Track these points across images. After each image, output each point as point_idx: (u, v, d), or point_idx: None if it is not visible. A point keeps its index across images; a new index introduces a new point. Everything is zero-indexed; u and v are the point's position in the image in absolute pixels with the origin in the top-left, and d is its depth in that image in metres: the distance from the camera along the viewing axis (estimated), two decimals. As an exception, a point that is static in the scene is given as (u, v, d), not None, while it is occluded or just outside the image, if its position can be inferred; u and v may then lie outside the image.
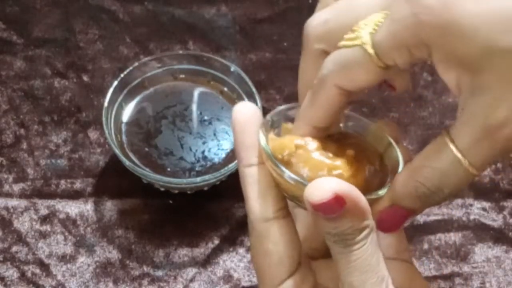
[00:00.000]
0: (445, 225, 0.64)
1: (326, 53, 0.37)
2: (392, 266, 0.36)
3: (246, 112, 0.37)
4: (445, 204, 0.65)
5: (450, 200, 0.65)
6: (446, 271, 0.62)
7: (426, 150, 0.35)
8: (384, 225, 0.37)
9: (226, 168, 0.61)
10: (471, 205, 0.65)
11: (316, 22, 0.38)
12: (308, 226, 0.41)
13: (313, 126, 0.38)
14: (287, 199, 0.38)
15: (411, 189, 0.35)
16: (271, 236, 0.36)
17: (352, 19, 0.36)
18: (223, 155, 0.63)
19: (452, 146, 0.34)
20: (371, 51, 0.35)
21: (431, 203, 0.36)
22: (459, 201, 0.66)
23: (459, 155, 0.34)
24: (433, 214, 0.65)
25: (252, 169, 0.37)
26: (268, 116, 0.39)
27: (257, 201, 0.37)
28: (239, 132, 0.37)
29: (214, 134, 0.64)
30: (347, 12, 0.37)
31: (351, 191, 0.33)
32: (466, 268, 0.62)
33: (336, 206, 0.33)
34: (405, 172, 0.36)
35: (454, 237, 0.64)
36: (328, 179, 0.34)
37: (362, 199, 0.34)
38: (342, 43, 0.36)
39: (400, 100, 0.70)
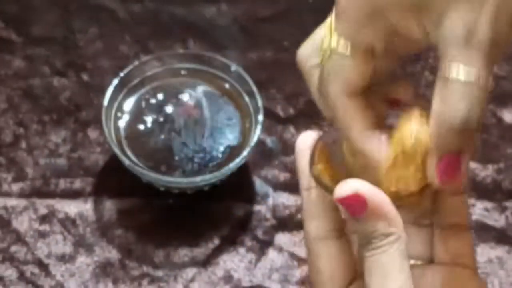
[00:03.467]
0: None
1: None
2: (448, 272, 0.39)
3: (306, 140, 0.41)
4: None
5: None
6: None
7: (437, 92, 0.36)
8: (444, 178, 0.37)
9: (226, 168, 0.61)
10: (473, 205, 0.65)
11: (304, 46, 0.42)
12: None
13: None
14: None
15: (447, 129, 0.36)
16: (323, 255, 0.39)
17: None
18: (223, 155, 0.63)
19: (451, 75, 0.35)
20: (343, 51, 0.37)
21: (470, 132, 0.36)
22: None
23: (461, 77, 0.35)
24: None
25: (308, 193, 0.40)
26: (323, 138, 0.41)
27: (312, 222, 0.40)
28: (298, 159, 0.41)
29: (214, 134, 0.64)
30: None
31: (375, 194, 0.36)
32: None
33: (356, 204, 0.35)
34: (434, 120, 0.36)
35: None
36: (355, 180, 0.36)
37: (386, 205, 0.36)
38: (323, 56, 0.39)
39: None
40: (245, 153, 0.62)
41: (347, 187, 0.36)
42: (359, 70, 0.37)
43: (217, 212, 0.64)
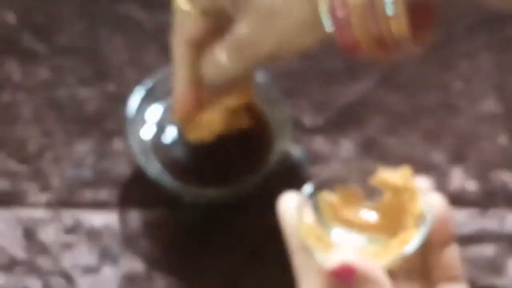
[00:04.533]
0: (479, 237, 0.64)
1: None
2: None
3: (288, 202, 0.45)
4: (479, 216, 0.65)
5: (485, 211, 0.65)
6: (480, 284, 0.62)
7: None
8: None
9: (252, 180, 0.61)
10: (505, 216, 0.65)
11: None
12: None
13: (187, 84, 0.55)
14: None
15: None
16: None
17: None
18: (250, 166, 0.63)
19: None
20: (183, 7, 0.53)
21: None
22: (493, 212, 0.65)
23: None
24: (467, 225, 0.64)
25: (298, 253, 0.44)
26: (303, 196, 0.45)
27: (304, 281, 0.43)
28: (282, 222, 0.45)
29: (240, 144, 0.64)
30: None
31: (363, 262, 0.40)
32: (500, 281, 0.62)
33: (345, 274, 0.39)
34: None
35: (488, 249, 0.63)
36: (342, 252, 0.41)
37: (374, 270, 0.40)
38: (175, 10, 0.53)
39: (431, 108, 0.70)
40: (271, 163, 0.62)
41: (334, 260, 0.40)
42: (195, 25, 0.53)
43: (243, 223, 0.64)
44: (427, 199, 0.44)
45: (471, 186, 0.66)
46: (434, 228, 0.43)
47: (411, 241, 0.42)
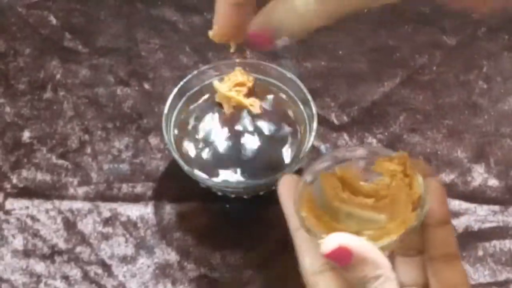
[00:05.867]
0: (500, 232, 0.64)
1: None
2: None
3: (287, 184, 0.45)
4: (500, 212, 0.65)
5: (505, 207, 0.65)
6: (501, 278, 0.62)
7: None
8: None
9: (281, 173, 0.60)
10: None
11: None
12: None
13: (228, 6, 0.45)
14: None
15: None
16: (320, 286, 0.42)
17: None
18: (280, 160, 0.64)
19: None
20: None
21: None
22: None
23: None
24: (488, 221, 0.64)
25: (299, 232, 0.44)
26: (304, 177, 0.45)
27: (306, 258, 0.43)
28: (282, 203, 0.45)
29: (270, 140, 0.64)
30: None
31: (358, 243, 0.39)
32: None
33: (342, 256, 0.39)
34: None
35: (509, 244, 0.63)
36: (338, 234, 0.40)
37: (370, 251, 0.39)
38: None
39: (454, 107, 0.70)
40: (299, 159, 0.62)
41: (331, 243, 0.39)
42: None
43: (272, 216, 0.63)
44: (424, 182, 0.43)
45: (493, 183, 0.66)
46: (431, 209, 0.42)
47: (409, 223, 0.42)
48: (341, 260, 0.39)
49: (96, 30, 0.75)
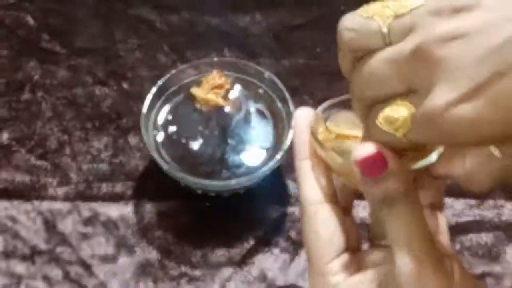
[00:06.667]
0: (477, 226, 0.64)
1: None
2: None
3: (304, 114, 0.42)
4: (476, 205, 0.65)
5: (482, 201, 0.65)
6: (478, 271, 0.62)
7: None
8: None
9: (260, 171, 0.62)
10: (502, 206, 0.65)
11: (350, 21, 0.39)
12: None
13: None
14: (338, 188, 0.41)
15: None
16: (320, 218, 0.40)
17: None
18: (258, 158, 0.64)
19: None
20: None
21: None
22: (491, 202, 0.65)
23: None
24: (465, 215, 0.65)
25: (305, 162, 0.41)
26: (319, 111, 0.42)
27: (308, 188, 0.40)
28: (297, 132, 0.42)
29: (249, 138, 0.65)
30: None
31: (393, 156, 0.36)
32: (497, 268, 0.62)
33: (379, 162, 0.36)
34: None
35: (485, 237, 0.64)
36: (372, 143, 0.36)
37: (401, 165, 0.36)
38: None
39: None
40: (278, 157, 0.62)
41: (368, 147, 0.36)
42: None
43: (252, 214, 0.64)
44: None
45: (470, 177, 0.67)
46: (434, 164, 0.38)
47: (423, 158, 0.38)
48: (374, 170, 0.36)
49: (74, 30, 0.75)
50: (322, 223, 0.40)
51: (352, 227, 0.41)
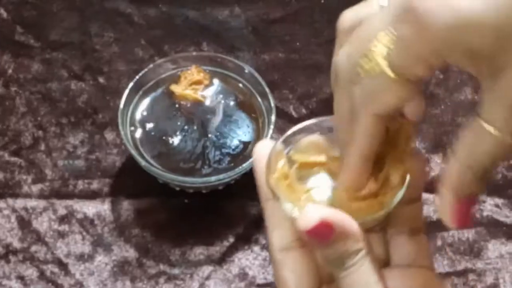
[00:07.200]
0: None
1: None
2: (408, 273, 0.39)
3: (263, 152, 0.40)
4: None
5: None
6: (460, 267, 0.63)
7: (466, 138, 0.36)
8: (460, 221, 0.37)
9: (240, 167, 0.62)
10: (484, 201, 0.66)
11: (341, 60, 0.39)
12: None
13: (364, 161, 0.39)
14: None
15: (469, 176, 0.36)
16: (287, 264, 0.39)
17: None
18: (237, 154, 0.64)
19: (488, 128, 0.34)
20: (391, 74, 0.35)
21: (486, 180, 0.36)
22: None
23: (496, 133, 0.34)
24: None
25: (269, 203, 0.40)
26: (279, 142, 0.41)
27: (274, 232, 0.39)
28: (256, 171, 0.41)
29: (228, 134, 0.65)
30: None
31: (339, 216, 0.36)
32: (479, 264, 0.63)
33: (325, 230, 0.35)
34: (456, 165, 0.36)
35: (467, 233, 0.64)
36: (315, 207, 0.36)
37: (350, 223, 0.36)
38: (363, 73, 0.36)
39: None
40: None
41: (311, 218, 0.35)
42: (396, 93, 0.36)
43: (232, 211, 0.64)
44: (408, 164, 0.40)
45: (451, 172, 0.67)
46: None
47: (390, 201, 0.39)
48: (323, 236, 0.36)
49: (49, 23, 0.74)
50: (288, 270, 0.39)
51: None
